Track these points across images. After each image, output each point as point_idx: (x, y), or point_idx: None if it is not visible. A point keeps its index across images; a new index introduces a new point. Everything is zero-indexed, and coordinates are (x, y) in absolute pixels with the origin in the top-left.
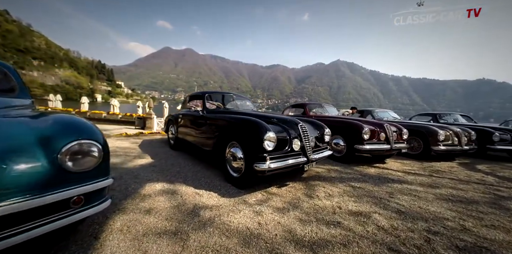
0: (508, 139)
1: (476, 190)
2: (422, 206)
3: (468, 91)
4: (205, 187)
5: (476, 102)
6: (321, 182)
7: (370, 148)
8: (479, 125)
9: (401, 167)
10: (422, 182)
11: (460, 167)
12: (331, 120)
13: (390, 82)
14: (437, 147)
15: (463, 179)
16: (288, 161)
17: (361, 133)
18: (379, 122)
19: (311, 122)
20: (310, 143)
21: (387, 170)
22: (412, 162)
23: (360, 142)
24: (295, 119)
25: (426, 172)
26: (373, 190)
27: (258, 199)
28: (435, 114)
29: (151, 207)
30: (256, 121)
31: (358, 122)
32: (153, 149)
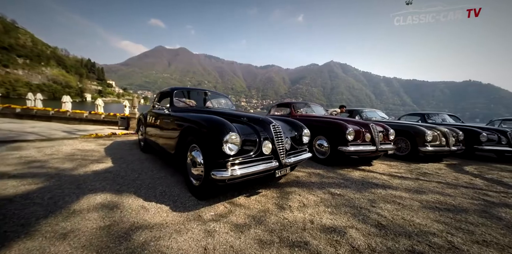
0: (495, 139)
1: (465, 195)
2: (406, 217)
3: (456, 92)
4: (157, 199)
5: (463, 103)
6: (298, 188)
7: (354, 149)
8: (467, 126)
9: (388, 169)
10: (408, 186)
11: (448, 168)
12: (316, 120)
13: (381, 83)
14: (424, 148)
15: (451, 183)
16: (255, 166)
17: (345, 134)
18: (365, 122)
19: (288, 122)
20: (285, 144)
21: (372, 173)
22: (400, 164)
23: (344, 143)
24: (267, 118)
25: (413, 175)
26: (354, 197)
27: (217, 212)
28: (423, 114)
29: (72, 228)
30: (218, 120)
31: (342, 122)
32: (120, 152)
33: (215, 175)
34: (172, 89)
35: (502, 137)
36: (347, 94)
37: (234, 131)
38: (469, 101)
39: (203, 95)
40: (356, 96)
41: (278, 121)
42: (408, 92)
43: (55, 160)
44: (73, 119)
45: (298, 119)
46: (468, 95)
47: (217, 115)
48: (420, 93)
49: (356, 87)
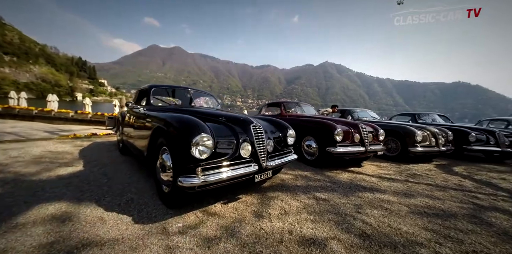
0: (484, 139)
1: (454, 198)
2: (392, 224)
3: (446, 93)
4: (121, 208)
5: (452, 104)
6: (282, 193)
7: (343, 150)
8: (456, 126)
9: (377, 170)
10: (397, 189)
11: (437, 169)
12: (304, 120)
13: (375, 83)
14: (414, 148)
15: (440, 185)
16: (231, 172)
17: (333, 134)
18: (354, 122)
19: (273, 122)
20: (266, 146)
21: (361, 175)
22: (389, 165)
23: (332, 144)
24: (248, 118)
25: (402, 177)
26: (340, 202)
27: (186, 223)
28: (414, 114)
29: (6, 247)
30: (188, 120)
31: (331, 122)
32: (97, 154)
33: (182, 181)
34: (150, 86)
35: (491, 137)
36: (341, 95)
37: (206, 132)
38: (458, 102)
39: (186, 94)
40: (350, 96)
41: (262, 121)
42: (400, 93)
43: (18, 163)
44: (58, 119)
45: (287, 119)
46: (457, 96)
47: (192, 114)
48: (412, 94)
49: (350, 87)
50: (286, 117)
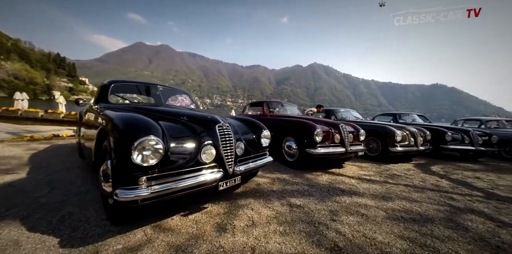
0: (459, 139)
1: (431, 199)
2: (368, 233)
3: (425, 94)
4: (51, 226)
5: (431, 104)
6: (254, 199)
7: (323, 151)
8: (433, 125)
9: (358, 171)
10: (375, 192)
11: (416, 169)
12: (285, 120)
13: (361, 85)
14: (394, 148)
15: (418, 185)
16: (189, 180)
17: (313, 135)
18: (335, 122)
19: (247, 122)
20: (235, 149)
21: (341, 177)
22: (370, 165)
23: (312, 144)
24: (215, 117)
25: (382, 178)
26: (315, 209)
27: (128, 244)
28: (395, 114)
29: None
30: (133, 120)
31: (311, 123)
32: (52, 158)
33: (118, 195)
34: (110, 82)
35: (465, 136)
36: (329, 95)
37: (156, 134)
38: (436, 102)
39: (154, 91)
40: (338, 97)
41: (235, 121)
42: (384, 94)
43: None
44: (26, 119)
45: (269, 119)
46: (435, 97)
47: (147, 112)
48: (395, 95)
49: (338, 88)
50: (268, 117)
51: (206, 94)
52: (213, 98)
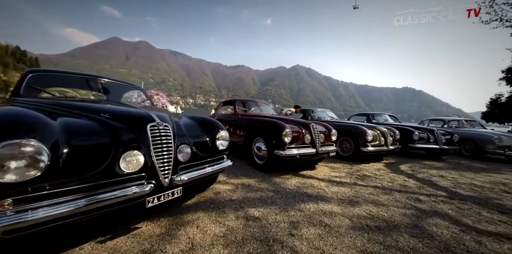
0: (425, 138)
1: (398, 202)
2: (328, 249)
3: (397, 97)
4: None
5: (402, 106)
6: (205, 213)
7: (292, 153)
8: (402, 125)
9: (329, 173)
10: (343, 196)
11: (386, 168)
12: (256, 120)
13: (340, 87)
14: (365, 148)
15: (386, 187)
16: (91, 199)
17: (281, 135)
18: (305, 122)
19: (201, 121)
20: (177, 154)
21: (311, 180)
22: (343, 165)
23: (281, 146)
24: (149, 114)
25: (352, 179)
26: (274, 221)
27: None
28: (368, 114)
29: None
30: (9, 115)
31: (280, 122)
32: None
33: None
34: (28, 71)
35: (431, 135)
36: (311, 97)
37: (39, 135)
38: (406, 104)
39: (94, 85)
40: (319, 98)
41: (189, 120)
42: (361, 96)
43: None
44: None
45: (240, 119)
46: (406, 99)
47: (51, 108)
48: (370, 97)
49: (319, 90)
50: (239, 117)
51: (189, 94)
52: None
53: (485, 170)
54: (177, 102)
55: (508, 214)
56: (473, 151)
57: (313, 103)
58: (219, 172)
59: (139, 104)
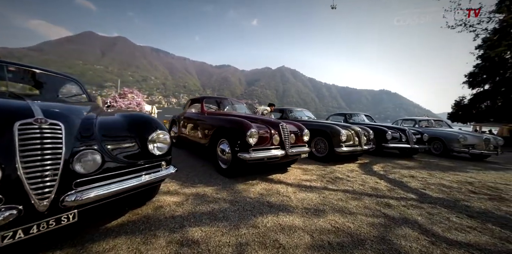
0: (398, 137)
1: (367, 209)
2: None
3: (375, 98)
4: None
5: (379, 107)
6: (128, 238)
7: (258, 156)
8: (376, 125)
9: (300, 176)
10: (310, 204)
11: (359, 169)
12: (222, 119)
13: (323, 89)
14: (340, 148)
15: (356, 190)
16: None
17: (245, 136)
18: (274, 121)
19: (133, 119)
20: (75, 165)
21: (279, 185)
22: (316, 167)
23: (245, 148)
24: (27, 106)
25: (323, 183)
26: (216, 245)
27: None
28: (345, 114)
29: None
30: None
31: (246, 122)
32: None
33: None
34: None
35: (403, 135)
36: (296, 98)
37: None
38: (383, 106)
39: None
40: (304, 99)
41: (118, 117)
42: (343, 98)
43: None
44: None
45: (206, 118)
46: (382, 101)
47: None
48: (351, 99)
49: (304, 91)
50: (205, 115)
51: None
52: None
53: (452, 168)
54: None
55: (476, 218)
56: (441, 150)
57: (298, 104)
58: (154, 183)
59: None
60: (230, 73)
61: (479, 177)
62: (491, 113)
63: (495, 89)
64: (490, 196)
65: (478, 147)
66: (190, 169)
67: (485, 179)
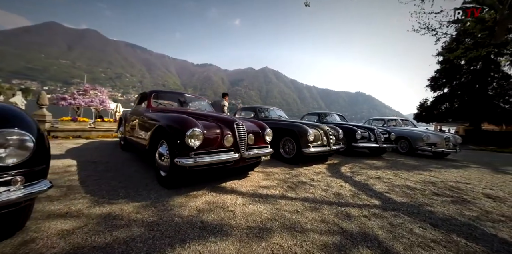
0: (367, 136)
1: (323, 223)
2: None
3: (351, 100)
4: None
5: (355, 108)
6: None
7: (204, 161)
8: (347, 124)
9: (259, 182)
10: (255, 222)
11: (326, 171)
12: (164, 116)
13: (304, 90)
14: (307, 149)
15: (317, 198)
16: None
17: (185, 137)
18: (228, 119)
19: None
20: None
21: (229, 196)
22: (282, 170)
23: (184, 152)
24: None
25: (283, 189)
26: None
27: None
28: (319, 113)
29: None
30: None
31: (188, 119)
32: None
33: None
34: None
35: (371, 134)
36: (279, 98)
37: None
38: (359, 107)
39: None
40: (286, 100)
41: None
42: (322, 99)
43: None
44: None
45: (149, 115)
46: (358, 102)
47: None
48: (330, 100)
49: (286, 92)
50: (150, 112)
51: None
52: None
53: (416, 167)
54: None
55: (440, 228)
56: (407, 148)
57: (281, 105)
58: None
59: None
60: (213, 72)
61: (441, 176)
62: (450, 114)
63: (452, 92)
64: (452, 198)
65: (439, 145)
66: (122, 178)
67: (447, 178)
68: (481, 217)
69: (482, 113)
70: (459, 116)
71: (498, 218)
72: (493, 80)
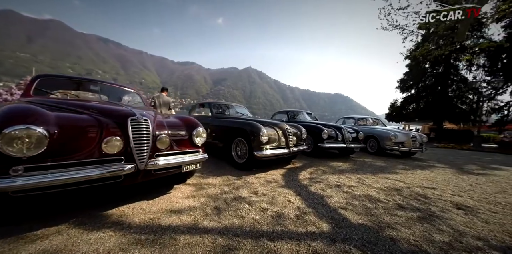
0: (334, 136)
1: None
2: None
3: (331, 101)
4: None
5: (334, 109)
6: None
7: (60, 178)
8: (313, 122)
9: (176, 203)
10: None
11: (280, 179)
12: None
13: (287, 90)
14: (260, 152)
15: (244, 227)
16: None
17: None
18: (121, 111)
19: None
20: None
21: (99, 235)
22: (226, 179)
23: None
24: None
25: (202, 214)
26: None
27: None
28: (287, 111)
29: None
30: None
31: (29, 108)
32: None
33: None
34: None
35: (339, 133)
36: (263, 99)
37: None
38: (337, 108)
39: None
40: (270, 100)
41: None
42: (304, 100)
43: None
44: None
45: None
46: (337, 103)
47: None
48: (311, 101)
49: (270, 92)
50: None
51: None
52: None
53: (383, 169)
54: None
55: None
56: (376, 148)
57: (265, 105)
58: None
59: None
60: (195, 71)
61: (408, 180)
62: (416, 113)
63: (419, 93)
64: (419, 212)
65: (406, 144)
66: None
67: (413, 182)
68: (454, 243)
69: (443, 113)
70: (425, 115)
71: (475, 244)
72: (452, 83)
